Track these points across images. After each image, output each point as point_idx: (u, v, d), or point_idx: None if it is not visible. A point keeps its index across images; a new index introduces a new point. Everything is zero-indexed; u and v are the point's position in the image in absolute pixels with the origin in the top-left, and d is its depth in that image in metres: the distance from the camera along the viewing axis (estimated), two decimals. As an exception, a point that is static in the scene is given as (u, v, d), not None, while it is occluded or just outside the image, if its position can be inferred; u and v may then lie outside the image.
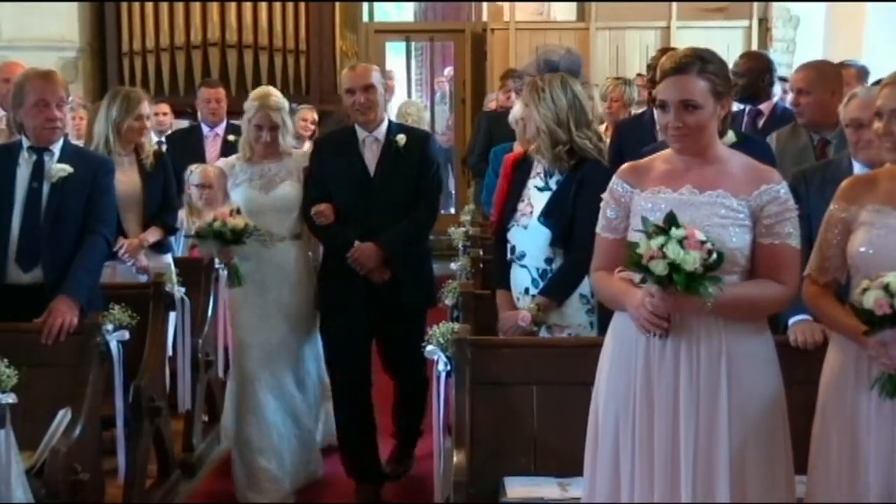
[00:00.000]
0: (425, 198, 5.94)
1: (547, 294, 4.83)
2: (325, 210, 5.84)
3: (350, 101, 5.89)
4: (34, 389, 4.59)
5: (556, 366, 4.53)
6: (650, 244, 3.43)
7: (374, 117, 5.88)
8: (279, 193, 6.02)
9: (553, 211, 4.84)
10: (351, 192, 5.86)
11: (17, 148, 5.26)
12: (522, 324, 4.78)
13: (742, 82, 6.80)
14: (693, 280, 3.39)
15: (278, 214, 6.01)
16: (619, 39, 14.64)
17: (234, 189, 6.10)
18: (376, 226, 5.79)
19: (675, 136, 3.66)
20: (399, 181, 5.86)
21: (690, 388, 3.55)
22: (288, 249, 6.05)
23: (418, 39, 16.71)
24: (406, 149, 5.87)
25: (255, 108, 6.01)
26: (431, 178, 5.98)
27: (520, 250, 4.92)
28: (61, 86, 5.25)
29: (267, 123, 5.99)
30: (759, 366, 3.61)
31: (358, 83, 5.85)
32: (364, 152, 5.90)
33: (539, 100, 4.84)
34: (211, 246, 5.84)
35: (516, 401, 4.52)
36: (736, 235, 3.57)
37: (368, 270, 5.79)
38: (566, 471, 4.27)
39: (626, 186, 3.75)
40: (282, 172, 6.05)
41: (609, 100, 8.98)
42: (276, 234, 6.00)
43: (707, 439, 3.54)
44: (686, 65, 3.62)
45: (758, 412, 3.58)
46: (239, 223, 5.74)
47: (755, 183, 3.62)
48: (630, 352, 3.65)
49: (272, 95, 6.08)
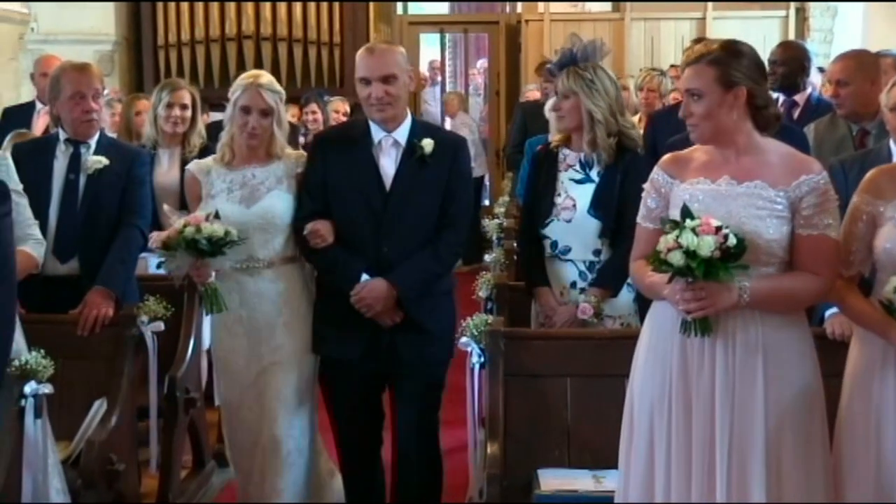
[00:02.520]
0: (454, 223, 4.72)
1: (602, 285, 4.77)
2: (322, 229, 4.65)
3: (364, 94, 4.64)
4: (70, 380, 4.63)
5: (590, 358, 4.51)
6: (667, 239, 3.44)
7: (395, 115, 4.66)
8: (265, 206, 4.76)
9: (602, 202, 4.80)
10: (359, 207, 4.64)
11: (55, 140, 5.31)
12: (584, 316, 4.73)
13: (782, 71, 6.76)
14: (712, 266, 3.38)
15: (265, 233, 4.76)
16: (655, 30, 14.57)
17: (208, 201, 4.81)
18: (390, 255, 4.62)
19: (688, 125, 3.68)
20: (422, 198, 4.65)
21: (727, 381, 3.53)
22: (278, 278, 4.81)
23: (452, 31, 16.69)
24: (433, 156, 4.65)
25: (242, 87, 4.81)
26: (463, 196, 4.78)
27: (563, 245, 4.86)
28: (97, 78, 5.29)
29: (257, 105, 4.77)
30: (795, 358, 3.58)
31: (375, 72, 4.61)
32: (379, 157, 4.68)
33: (591, 89, 4.79)
34: (182, 260, 4.64)
35: (550, 393, 4.51)
36: (773, 227, 3.54)
37: (377, 314, 4.66)
38: (600, 463, 4.26)
39: (667, 177, 3.74)
40: (269, 180, 4.81)
41: (645, 90, 8.94)
42: (262, 258, 4.77)
43: (743, 432, 3.52)
44: (701, 55, 3.64)
45: (794, 405, 3.55)
46: (217, 230, 4.56)
47: (794, 173, 3.59)
48: (666, 343, 3.63)
49: (264, 75, 4.95)
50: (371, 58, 4.65)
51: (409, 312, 4.64)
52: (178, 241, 4.57)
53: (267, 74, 4.98)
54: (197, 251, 4.57)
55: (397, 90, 4.62)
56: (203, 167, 4.93)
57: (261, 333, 4.79)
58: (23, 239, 4.40)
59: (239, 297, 4.79)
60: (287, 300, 4.82)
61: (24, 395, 4.04)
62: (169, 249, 4.63)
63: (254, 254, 4.76)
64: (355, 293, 4.60)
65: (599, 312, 4.76)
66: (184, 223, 4.58)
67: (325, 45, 13.06)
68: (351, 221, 4.66)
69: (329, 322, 4.77)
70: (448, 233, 4.69)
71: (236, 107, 4.82)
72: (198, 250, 4.57)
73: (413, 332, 4.67)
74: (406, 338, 4.67)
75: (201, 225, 4.56)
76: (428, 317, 4.68)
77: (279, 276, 4.81)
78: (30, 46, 12.13)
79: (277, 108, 4.83)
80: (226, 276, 4.75)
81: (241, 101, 4.80)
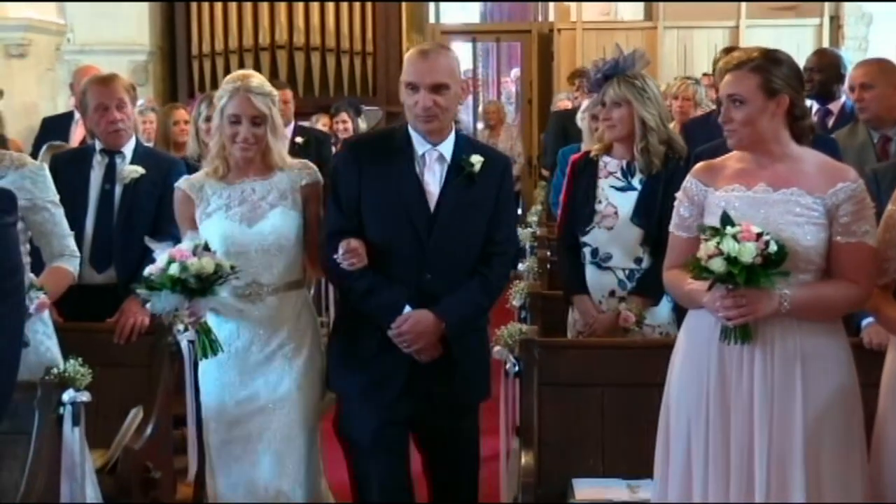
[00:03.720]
0: (503, 250, 4.30)
1: (644, 293, 4.75)
2: (358, 248, 4.10)
3: (410, 101, 4.15)
4: (107, 388, 4.64)
5: (624, 367, 4.50)
6: (707, 246, 3.43)
7: (441, 128, 4.20)
8: (269, 226, 4.29)
9: (645, 210, 4.79)
10: (400, 227, 4.15)
11: (91, 151, 5.36)
12: (625, 325, 4.73)
13: (819, 78, 6.74)
14: (754, 272, 3.38)
15: (267, 256, 4.29)
16: (687, 39, 14.55)
17: (203, 221, 4.34)
18: (433, 283, 4.16)
19: (725, 131, 3.67)
20: (468, 220, 4.20)
21: (765, 389, 3.53)
22: (283, 305, 4.34)
23: (485, 40, 16.72)
24: (482, 175, 4.20)
25: (229, 92, 4.28)
26: (511, 221, 4.45)
27: (604, 252, 4.85)
28: (122, 88, 5.32)
29: (246, 112, 4.25)
30: (833, 366, 3.58)
31: (426, 78, 4.11)
32: (424, 172, 4.22)
33: (642, 97, 4.79)
34: (168, 301, 4.06)
35: (584, 402, 4.50)
36: (811, 234, 3.54)
37: (418, 349, 4.18)
38: (635, 472, 4.25)
39: (700, 185, 3.73)
40: (271, 195, 4.34)
41: (680, 98, 8.92)
42: (265, 284, 4.30)
43: (782, 440, 3.51)
44: (743, 61, 3.63)
45: (833, 412, 3.54)
46: (206, 265, 4.00)
47: (831, 181, 3.58)
48: (703, 352, 3.62)
49: (253, 76, 4.38)
50: (423, 62, 4.13)
51: (451, 350, 4.20)
52: (163, 280, 3.99)
53: (257, 75, 4.42)
54: (185, 290, 4.02)
55: (447, 101, 4.14)
56: (195, 183, 4.39)
57: (258, 368, 4.32)
58: (58, 251, 4.43)
59: (236, 327, 4.30)
60: (293, 330, 4.35)
61: (62, 402, 4.07)
62: (153, 289, 4.04)
63: (257, 278, 4.28)
64: (397, 326, 4.12)
65: (641, 321, 4.75)
66: (168, 258, 4.02)
67: (357, 54, 13.11)
68: (390, 243, 4.14)
69: (353, 356, 4.28)
70: (497, 261, 4.25)
71: (224, 115, 4.29)
72: (186, 289, 4.01)
73: (451, 372, 4.21)
74: (443, 377, 4.21)
75: (188, 261, 3.99)
76: (467, 355, 4.27)
77: (284, 302, 4.34)
78: (66, 57, 12.24)
79: (271, 113, 4.31)
80: (225, 306, 4.22)
81: (228, 109, 4.28)
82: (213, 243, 4.16)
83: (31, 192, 4.32)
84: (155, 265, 4.04)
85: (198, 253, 4.03)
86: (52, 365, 4.18)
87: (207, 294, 4.03)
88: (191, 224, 4.35)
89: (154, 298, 4.07)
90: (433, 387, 4.19)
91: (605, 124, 4.95)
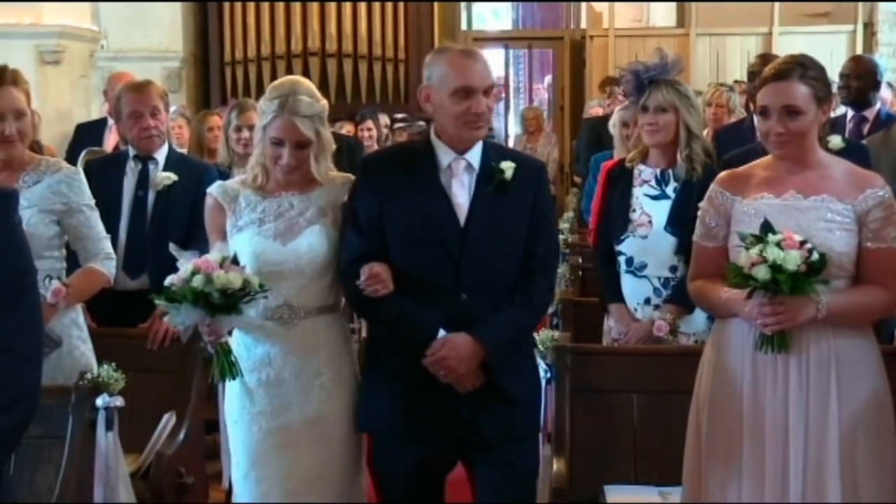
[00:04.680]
0: (545, 265, 3.92)
1: (679, 302, 4.70)
2: (381, 273, 3.74)
3: (461, 108, 3.73)
4: (140, 394, 4.66)
5: (656, 374, 4.49)
6: (749, 254, 3.41)
7: (484, 134, 3.89)
8: (305, 244, 3.92)
9: (679, 218, 4.75)
10: (430, 246, 3.78)
11: (125, 157, 5.39)
12: (659, 333, 4.71)
13: (856, 85, 6.72)
14: (798, 280, 3.37)
15: (303, 277, 3.92)
16: (720, 45, 14.51)
17: (234, 234, 3.99)
18: (471, 304, 3.77)
19: (776, 141, 3.63)
20: (504, 233, 3.81)
21: (800, 395, 3.52)
22: (318, 330, 3.96)
23: (517, 47, 16.73)
24: (516, 183, 3.82)
25: (273, 113, 3.90)
26: (550, 231, 4.04)
27: (639, 261, 4.83)
28: (156, 94, 5.35)
29: (292, 137, 3.89)
30: (866, 371, 3.58)
31: (484, 80, 3.77)
32: (451, 184, 3.83)
33: (688, 103, 4.79)
34: (188, 315, 3.75)
35: (617, 409, 4.49)
36: (842, 240, 3.53)
37: (457, 378, 3.77)
38: (667, 479, 4.23)
39: (727, 194, 3.72)
40: (309, 211, 3.97)
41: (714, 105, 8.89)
42: (298, 306, 3.92)
43: (817, 445, 3.51)
44: (788, 70, 3.60)
45: (867, 418, 3.54)
46: (234, 280, 3.68)
47: (859, 187, 3.59)
48: (736, 360, 3.62)
49: (300, 92, 3.93)
50: (475, 64, 3.77)
51: (494, 376, 3.78)
52: (185, 291, 3.70)
53: (305, 86, 3.98)
54: (208, 306, 3.71)
55: (493, 104, 3.86)
56: (230, 191, 4.05)
57: (290, 399, 3.92)
58: (93, 254, 4.48)
59: (266, 352, 3.94)
60: (328, 357, 3.96)
61: (95, 407, 4.09)
62: (173, 301, 3.74)
63: (290, 300, 3.91)
64: (433, 352, 3.71)
65: (675, 329, 4.73)
66: (192, 269, 3.71)
67: (389, 61, 13.15)
68: (419, 264, 3.77)
69: (387, 388, 3.88)
70: (540, 277, 3.86)
71: (266, 133, 3.94)
72: (209, 304, 3.70)
73: (497, 402, 3.79)
74: (489, 408, 3.79)
75: (214, 274, 3.68)
76: (514, 382, 3.84)
77: (319, 327, 3.96)
78: (100, 64, 12.33)
79: (318, 135, 3.93)
80: (252, 327, 3.90)
81: (271, 132, 3.92)
82: (242, 260, 3.83)
83: (66, 196, 4.38)
84: (177, 275, 3.74)
85: (225, 266, 3.71)
86: (87, 370, 4.21)
87: (232, 312, 3.71)
88: (220, 234, 4.03)
89: (173, 311, 3.76)
90: (478, 418, 3.77)
91: (648, 129, 4.84)
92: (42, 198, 4.35)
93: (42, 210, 4.35)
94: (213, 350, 3.84)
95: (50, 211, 4.36)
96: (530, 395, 3.97)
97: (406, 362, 3.77)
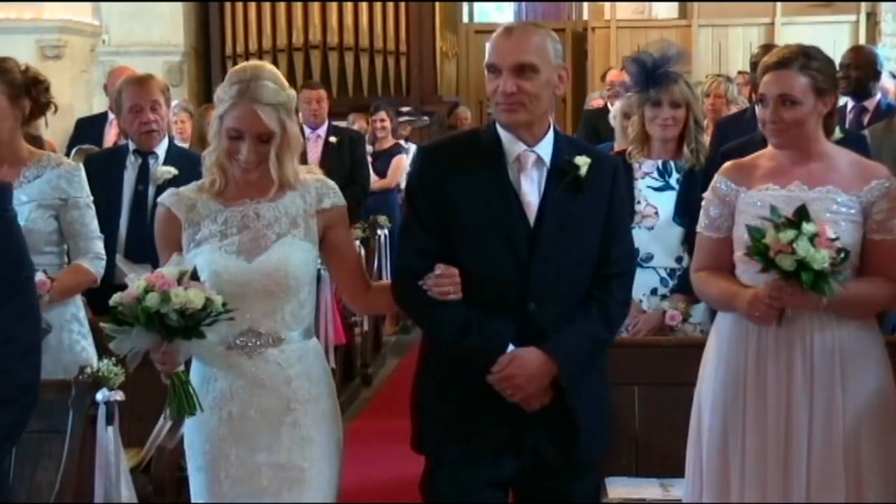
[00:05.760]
0: (622, 271, 3.53)
1: (686, 291, 4.60)
2: (452, 276, 3.34)
3: (491, 87, 3.38)
4: (140, 388, 4.64)
5: (658, 366, 4.49)
6: (779, 237, 3.36)
7: (530, 121, 3.38)
8: (275, 260, 3.38)
9: (686, 209, 4.75)
10: (496, 248, 3.37)
11: (125, 152, 5.40)
12: (672, 323, 4.73)
13: (856, 75, 6.72)
14: (820, 278, 3.34)
15: (271, 299, 3.39)
16: (722, 36, 14.50)
17: (191, 249, 3.42)
18: (539, 315, 3.37)
19: (772, 130, 3.62)
20: (578, 235, 3.41)
21: (804, 386, 3.52)
22: (289, 360, 3.43)
23: (518, 39, 16.67)
24: (591, 180, 3.41)
25: (231, 98, 3.34)
26: (627, 235, 3.66)
27: (645, 252, 4.80)
28: (156, 89, 5.35)
29: (252, 129, 3.34)
30: (870, 362, 3.57)
31: (508, 58, 3.33)
32: (519, 179, 3.41)
33: (697, 98, 4.83)
34: (140, 340, 3.19)
35: (618, 401, 4.45)
36: (847, 231, 3.51)
37: (525, 397, 3.36)
38: (668, 472, 4.23)
39: (731, 185, 3.71)
40: (280, 221, 3.42)
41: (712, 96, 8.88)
42: (266, 332, 3.39)
43: (822, 436, 3.50)
44: (787, 60, 3.58)
45: (871, 407, 3.53)
46: (194, 298, 3.13)
47: (864, 178, 3.58)
48: (739, 351, 3.61)
49: (263, 77, 3.38)
50: (507, 40, 3.37)
51: (565, 396, 3.39)
52: (136, 312, 3.13)
53: (268, 72, 3.44)
54: (164, 329, 3.14)
55: (536, 87, 3.33)
56: (184, 199, 3.46)
57: (258, 439, 3.41)
58: (84, 251, 4.47)
59: (229, 386, 3.41)
60: (301, 391, 3.44)
61: (95, 402, 4.09)
62: (121, 323, 3.17)
63: (256, 326, 3.38)
64: (499, 369, 3.32)
65: (687, 318, 4.76)
66: (145, 286, 3.15)
67: (391, 54, 13.15)
68: (482, 268, 3.36)
69: (445, 406, 3.47)
70: (616, 284, 3.49)
71: (223, 124, 3.38)
72: (165, 327, 3.14)
73: (565, 424, 3.42)
74: (555, 430, 3.42)
75: (171, 291, 3.12)
76: (584, 404, 3.44)
77: (291, 357, 3.43)
78: (101, 58, 12.35)
79: (283, 124, 3.38)
80: (212, 356, 3.36)
81: (228, 122, 3.36)
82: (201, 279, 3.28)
83: (65, 191, 4.38)
84: (126, 292, 3.16)
85: (184, 282, 3.17)
86: (87, 364, 4.20)
87: (191, 336, 3.16)
88: (172, 251, 3.45)
89: (120, 337, 3.20)
90: (542, 442, 3.41)
91: (662, 123, 4.79)
92: (41, 193, 4.34)
93: (41, 205, 4.34)
94: (168, 381, 3.28)
95: (49, 206, 4.36)
96: (600, 418, 3.53)
97: (467, 375, 3.37)
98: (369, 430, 7.00)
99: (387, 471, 6.11)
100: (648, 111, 4.88)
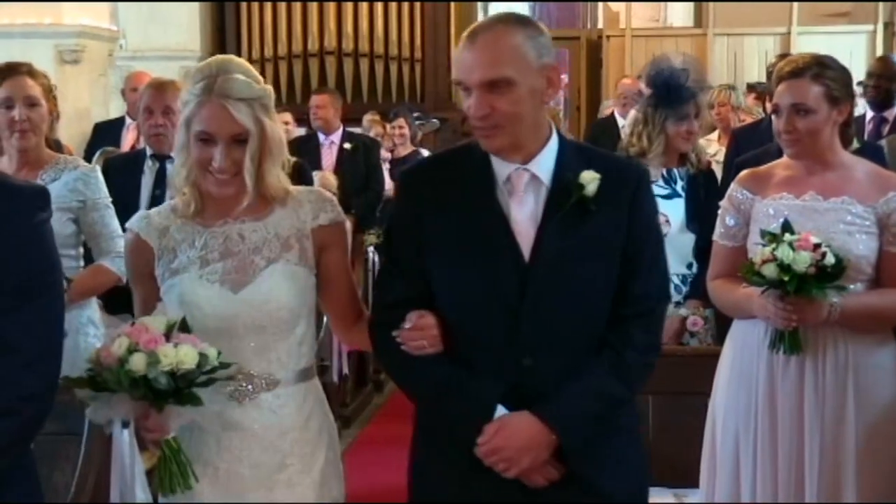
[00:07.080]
0: (643, 308, 2.86)
1: (702, 297, 4.63)
2: (433, 326, 2.81)
3: (465, 107, 2.79)
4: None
5: (671, 376, 4.46)
6: (763, 251, 3.42)
7: (516, 142, 2.78)
8: (265, 291, 2.89)
9: (697, 215, 4.82)
10: (482, 291, 2.78)
11: (143, 156, 5.41)
12: (694, 328, 4.78)
13: (884, 85, 6.73)
14: (805, 282, 3.35)
15: (263, 335, 2.90)
16: (738, 46, 14.46)
17: (167, 280, 2.92)
18: (536, 371, 2.77)
19: (786, 140, 3.63)
20: (585, 271, 2.78)
21: (816, 400, 3.52)
22: (284, 406, 2.94)
23: (533, 47, 16.68)
24: (604, 199, 2.77)
25: (196, 96, 2.85)
26: (660, 261, 2.94)
27: None
28: (171, 94, 5.36)
29: (223, 129, 2.82)
30: (886, 378, 3.56)
31: (474, 73, 2.71)
32: (510, 205, 2.80)
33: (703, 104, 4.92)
34: (119, 408, 2.76)
35: (632, 410, 4.48)
36: (862, 243, 3.51)
37: (522, 472, 2.75)
38: (682, 482, 4.22)
39: (747, 194, 3.71)
40: (269, 244, 2.92)
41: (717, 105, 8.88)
42: (257, 374, 2.90)
43: (833, 450, 3.50)
44: (801, 69, 3.59)
45: (884, 423, 3.53)
46: (185, 357, 2.66)
47: (882, 190, 3.57)
48: (752, 362, 3.61)
49: (231, 70, 2.89)
50: (471, 49, 2.73)
51: (574, 467, 2.79)
52: (118, 376, 2.65)
53: (237, 64, 2.97)
54: (151, 394, 2.67)
55: (513, 104, 2.72)
56: (155, 223, 2.96)
57: (249, 496, 2.92)
58: (105, 251, 4.50)
59: (216, 439, 2.91)
60: (298, 440, 2.96)
61: (111, 405, 4.10)
62: (99, 388, 2.71)
63: (246, 367, 2.89)
64: (485, 441, 2.73)
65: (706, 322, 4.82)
66: (127, 345, 2.67)
67: (406, 60, 13.15)
68: (467, 315, 2.79)
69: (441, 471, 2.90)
70: (637, 328, 2.84)
71: (190, 130, 2.85)
72: (152, 392, 2.67)
73: (583, 497, 2.82)
74: (572, 499, 2.81)
75: (159, 350, 2.65)
76: (604, 471, 2.83)
77: (288, 403, 2.94)
78: (118, 63, 12.38)
79: (260, 122, 2.86)
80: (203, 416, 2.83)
81: (196, 125, 2.84)
82: (178, 313, 2.82)
83: (83, 194, 4.42)
84: (105, 351, 2.69)
85: (173, 337, 2.70)
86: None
87: (185, 401, 2.69)
88: (148, 283, 2.97)
89: (96, 404, 2.76)
90: None
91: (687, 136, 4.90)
92: (59, 196, 4.36)
93: (59, 208, 4.36)
94: (158, 451, 2.83)
95: (67, 209, 4.39)
96: (629, 488, 2.90)
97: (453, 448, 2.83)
98: (381, 435, 7.04)
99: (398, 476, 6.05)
100: (673, 126, 4.93)
